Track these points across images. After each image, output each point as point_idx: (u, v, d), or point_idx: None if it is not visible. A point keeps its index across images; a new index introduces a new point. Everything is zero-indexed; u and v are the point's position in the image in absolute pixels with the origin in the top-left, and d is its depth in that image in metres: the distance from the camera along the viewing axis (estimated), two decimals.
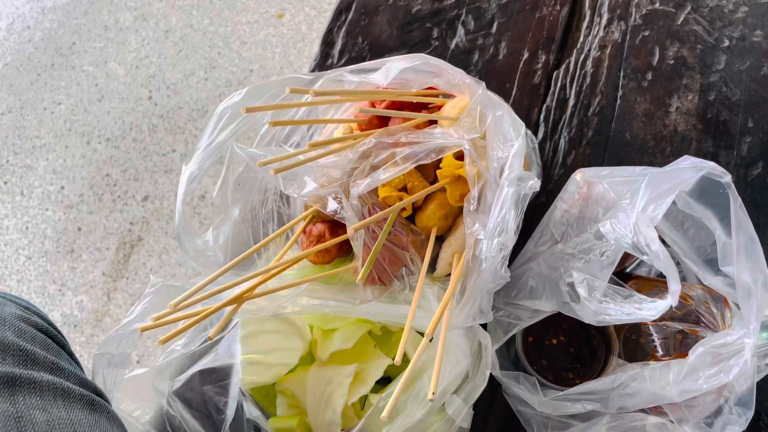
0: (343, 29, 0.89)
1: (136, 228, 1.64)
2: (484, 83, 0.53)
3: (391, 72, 0.54)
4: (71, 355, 0.52)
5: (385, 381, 0.63)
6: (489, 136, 0.52)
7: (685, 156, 0.51)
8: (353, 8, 0.91)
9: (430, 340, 0.49)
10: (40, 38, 1.99)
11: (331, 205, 0.52)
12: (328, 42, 0.89)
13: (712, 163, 0.49)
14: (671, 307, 0.48)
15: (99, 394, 0.49)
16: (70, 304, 1.58)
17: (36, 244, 1.68)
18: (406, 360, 0.63)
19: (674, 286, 0.45)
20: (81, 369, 0.51)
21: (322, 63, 0.88)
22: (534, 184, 0.49)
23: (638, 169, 0.56)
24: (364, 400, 0.62)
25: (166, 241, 1.60)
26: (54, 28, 2.00)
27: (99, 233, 1.65)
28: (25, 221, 1.72)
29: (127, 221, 1.65)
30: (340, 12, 0.91)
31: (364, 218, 0.54)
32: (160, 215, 1.64)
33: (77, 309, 1.57)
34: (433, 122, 0.63)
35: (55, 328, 0.53)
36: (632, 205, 0.50)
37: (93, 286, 1.60)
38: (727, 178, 0.49)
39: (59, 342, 0.52)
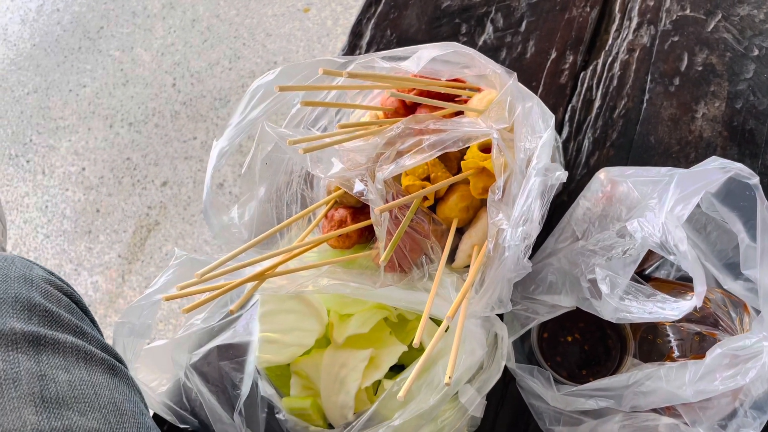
0: (372, 21, 0.90)
1: (154, 212, 1.65)
2: (515, 74, 0.53)
3: (423, 60, 0.54)
4: (93, 321, 0.53)
5: (398, 369, 0.63)
6: (517, 127, 0.52)
7: (714, 156, 0.51)
8: (383, 1, 0.91)
9: (446, 330, 0.50)
10: (68, 21, 2.02)
11: (358, 186, 0.52)
12: (356, 33, 0.89)
13: (740, 165, 0.49)
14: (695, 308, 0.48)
15: (119, 360, 0.50)
16: (85, 284, 1.60)
17: (54, 223, 1.70)
18: (420, 349, 0.63)
19: (700, 288, 0.45)
20: (102, 335, 0.52)
21: (350, 53, 0.88)
22: (561, 175, 0.49)
23: (663, 169, 0.56)
24: (377, 385, 0.62)
25: (183, 227, 1.62)
26: (83, 11, 2.02)
27: (117, 215, 1.67)
28: (45, 200, 1.74)
29: (145, 205, 1.67)
30: (370, 4, 0.91)
31: (388, 203, 0.54)
32: (178, 201, 1.65)
33: (92, 289, 1.59)
34: (459, 114, 0.63)
35: (78, 295, 0.54)
36: (661, 204, 0.50)
37: (108, 267, 1.62)
38: (755, 179, 0.48)
39: (82, 307, 0.52)
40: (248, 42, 1.84)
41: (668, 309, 0.48)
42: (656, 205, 0.51)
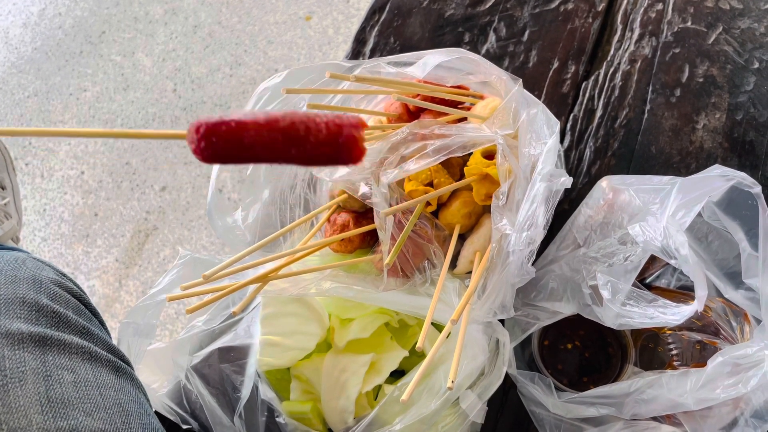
0: (376, 29, 0.90)
1: (152, 217, 1.65)
2: (520, 80, 0.53)
3: (428, 65, 0.55)
4: (102, 323, 0.53)
5: (398, 374, 0.63)
6: (521, 133, 0.53)
7: (716, 165, 0.51)
8: (387, 9, 0.92)
9: (447, 335, 0.50)
10: (70, 25, 2.02)
11: (362, 189, 0.52)
12: (360, 40, 0.90)
13: (742, 174, 0.50)
14: (695, 313, 0.48)
15: (125, 361, 0.50)
16: (82, 287, 1.59)
17: (52, 226, 1.70)
18: (421, 355, 0.63)
19: (701, 291, 0.46)
20: (110, 336, 0.52)
21: (354, 60, 0.89)
22: (566, 180, 0.49)
23: (665, 178, 0.56)
24: (377, 390, 0.62)
25: (181, 232, 1.61)
26: (85, 16, 2.03)
27: (115, 220, 1.67)
28: (44, 203, 1.74)
29: (144, 210, 1.66)
30: (374, 12, 0.92)
31: (393, 207, 0.54)
32: (177, 206, 1.65)
33: (88, 293, 1.58)
34: (462, 120, 0.64)
35: (88, 297, 0.55)
36: (663, 209, 0.50)
37: (105, 271, 1.61)
38: (757, 188, 0.49)
39: (91, 309, 0.53)
40: (249, 49, 1.85)
41: (669, 314, 0.48)
42: (658, 210, 0.51)
